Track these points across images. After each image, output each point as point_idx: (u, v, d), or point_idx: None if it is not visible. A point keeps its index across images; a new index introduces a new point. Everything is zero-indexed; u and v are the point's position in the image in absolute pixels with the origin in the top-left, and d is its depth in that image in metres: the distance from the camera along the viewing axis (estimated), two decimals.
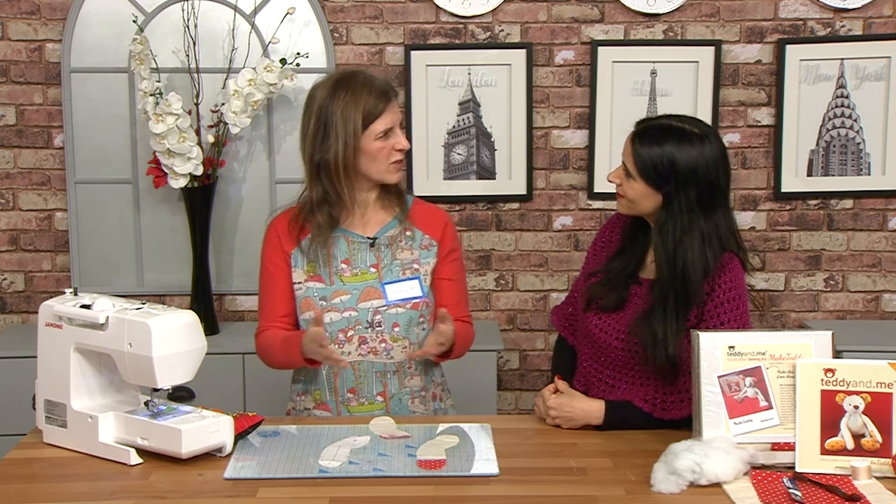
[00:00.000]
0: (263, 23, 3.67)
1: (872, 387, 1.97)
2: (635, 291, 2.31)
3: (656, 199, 2.24)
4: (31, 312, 3.79)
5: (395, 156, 2.38)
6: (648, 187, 2.24)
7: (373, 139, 2.34)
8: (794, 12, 3.71)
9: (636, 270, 2.34)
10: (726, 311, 2.21)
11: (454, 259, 2.50)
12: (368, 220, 2.45)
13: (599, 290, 2.35)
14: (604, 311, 2.33)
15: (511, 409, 3.90)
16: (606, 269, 2.37)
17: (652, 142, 2.22)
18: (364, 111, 2.33)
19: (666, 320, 2.20)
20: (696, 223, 2.20)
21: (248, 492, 1.91)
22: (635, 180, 2.25)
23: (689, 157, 2.20)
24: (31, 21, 3.67)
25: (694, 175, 2.20)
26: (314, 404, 2.45)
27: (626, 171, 2.27)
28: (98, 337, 2.06)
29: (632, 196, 2.27)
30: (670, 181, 2.20)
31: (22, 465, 2.06)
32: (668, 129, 2.24)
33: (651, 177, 2.22)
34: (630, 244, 2.37)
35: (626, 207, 2.32)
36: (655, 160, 2.21)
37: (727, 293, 2.22)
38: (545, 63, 3.74)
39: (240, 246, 3.79)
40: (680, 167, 2.20)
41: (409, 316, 2.41)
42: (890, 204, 3.80)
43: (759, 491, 1.87)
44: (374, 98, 2.34)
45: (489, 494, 1.90)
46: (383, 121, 2.34)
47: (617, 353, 2.30)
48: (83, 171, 3.73)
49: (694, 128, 2.24)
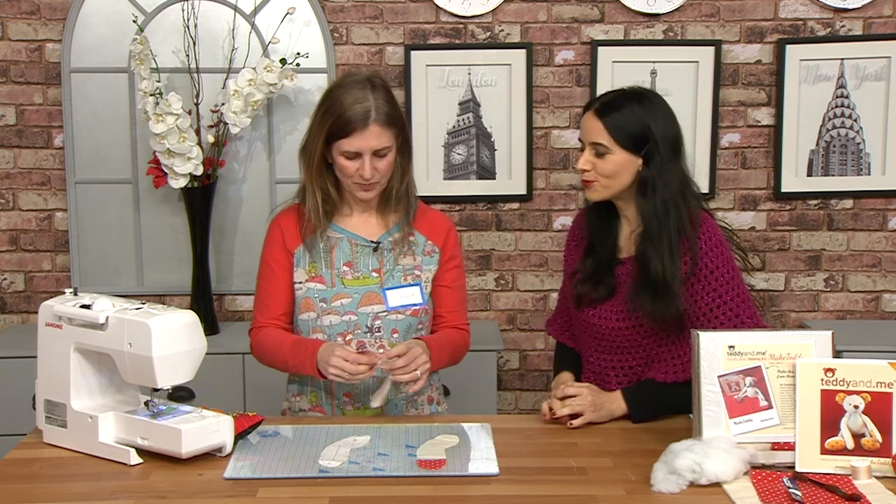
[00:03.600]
0: (263, 23, 3.67)
1: (872, 387, 1.97)
2: (621, 272, 2.34)
3: (635, 166, 2.28)
4: (31, 312, 3.79)
5: (357, 178, 2.33)
6: (629, 154, 2.27)
7: (338, 153, 2.31)
8: (794, 12, 3.71)
9: (613, 255, 2.37)
10: (712, 259, 2.27)
11: (455, 266, 2.49)
12: (372, 223, 2.44)
13: (586, 288, 2.37)
14: (598, 302, 2.35)
15: (511, 409, 3.90)
16: (584, 267, 2.39)
17: (620, 109, 2.27)
18: (337, 121, 2.29)
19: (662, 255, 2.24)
20: (674, 174, 2.28)
21: (248, 492, 1.91)
22: (612, 153, 2.27)
23: (655, 113, 2.29)
24: (31, 21, 3.67)
25: (666, 129, 2.28)
26: (310, 406, 2.45)
27: (596, 150, 2.28)
28: (98, 337, 2.05)
29: (610, 171, 2.28)
30: (648, 139, 2.26)
31: (22, 465, 2.06)
32: (622, 95, 2.32)
33: (630, 142, 2.26)
34: (598, 235, 2.39)
35: (601, 191, 2.32)
36: (628, 123, 2.26)
37: (707, 242, 2.28)
38: (545, 63, 3.74)
39: (240, 246, 3.79)
40: (653, 124, 2.27)
41: (408, 322, 2.40)
42: (890, 204, 3.80)
43: (759, 491, 1.87)
44: (353, 115, 2.28)
45: (489, 494, 1.90)
46: (350, 142, 2.29)
47: (622, 334, 2.31)
48: (83, 171, 3.73)
49: (642, 90, 2.35)
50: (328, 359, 2.22)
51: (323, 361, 2.25)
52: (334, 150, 2.32)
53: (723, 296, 2.26)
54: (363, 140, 2.29)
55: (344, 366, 2.20)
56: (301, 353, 2.32)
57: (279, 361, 2.39)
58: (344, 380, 2.23)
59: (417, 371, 2.24)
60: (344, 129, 2.28)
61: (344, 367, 2.20)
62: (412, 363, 2.23)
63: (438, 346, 2.36)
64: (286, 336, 2.39)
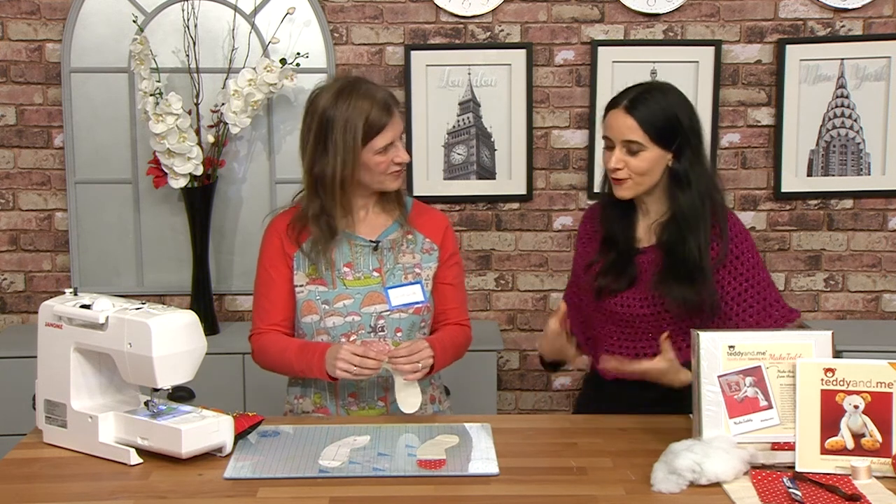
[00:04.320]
0: (263, 23, 3.67)
1: (872, 387, 1.97)
2: (641, 261, 2.36)
3: (666, 160, 2.30)
4: (31, 312, 3.79)
5: (393, 168, 2.35)
6: (661, 150, 2.28)
7: (372, 154, 2.31)
8: (794, 12, 3.71)
9: (632, 246, 2.38)
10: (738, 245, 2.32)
11: (455, 263, 2.50)
12: (370, 223, 2.44)
13: (606, 280, 2.38)
14: (619, 291, 2.37)
15: (511, 409, 3.90)
16: (603, 258, 2.40)
17: (647, 104, 2.28)
18: (365, 127, 2.28)
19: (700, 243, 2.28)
20: (704, 165, 2.32)
21: (248, 492, 1.91)
22: (646, 149, 2.28)
23: (680, 104, 2.31)
24: (31, 21, 3.67)
25: (690, 120, 2.31)
26: (313, 407, 2.45)
27: (628, 148, 2.28)
28: (98, 337, 2.05)
29: (643, 169, 2.29)
30: (678, 133, 2.28)
31: (22, 465, 2.06)
32: (647, 90, 2.32)
33: (662, 137, 2.27)
34: (615, 228, 2.40)
35: (633, 188, 2.33)
36: (660, 119, 2.27)
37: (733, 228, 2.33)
38: (545, 63, 3.74)
39: (240, 246, 3.79)
40: (681, 116, 2.29)
41: (411, 321, 2.40)
42: (890, 204, 3.80)
43: (759, 490, 1.87)
44: (377, 112, 2.29)
45: (489, 494, 1.90)
46: (384, 136, 2.30)
47: (647, 320, 2.34)
48: (83, 171, 3.73)
49: (660, 83, 2.38)
50: (336, 356, 2.24)
51: (331, 360, 2.26)
52: (365, 154, 2.31)
53: (749, 280, 2.32)
54: (393, 129, 2.32)
55: (351, 359, 2.22)
56: (308, 356, 2.32)
57: (284, 366, 2.39)
58: (352, 375, 2.23)
59: (419, 364, 2.26)
60: (375, 128, 2.29)
61: (351, 360, 2.22)
62: (415, 355, 2.26)
63: (442, 346, 2.37)
64: (290, 341, 2.39)
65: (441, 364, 2.38)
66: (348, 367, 2.22)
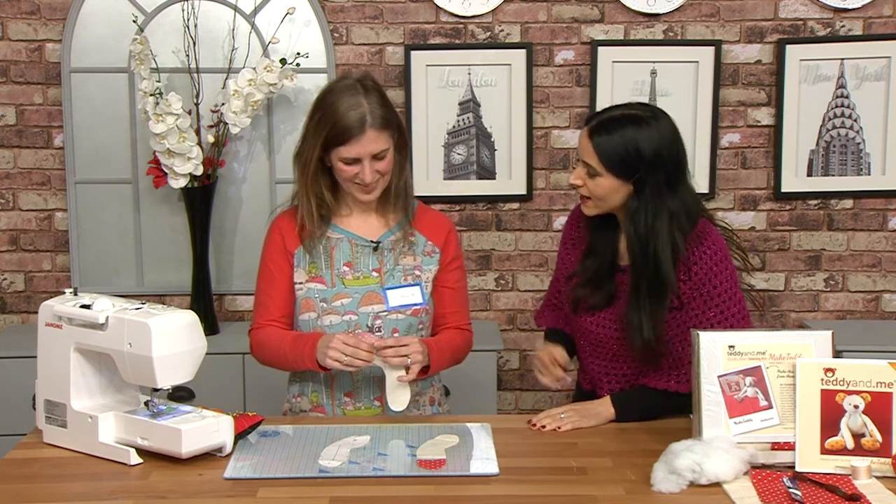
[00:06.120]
0: (263, 23, 3.67)
1: (872, 386, 1.97)
2: (621, 280, 2.31)
3: (626, 190, 2.23)
4: (31, 312, 3.79)
5: (357, 180, 2.33)
6: (617, 180, 2.22)
7: (337, 159, 2.31)
8: (794, 12, 3.71)
9: (614, 261, 2.34)
10: (716, 275, 2.22)
11: (456, 267, 2.49)
12: (372, 223, 2.44)
13: (584, 292, 2.35)
14: (596, 309, 2.34)
15: (511, 409, 3.90)
16: (583, 270, 2.37)
17: (612, 133, 2.20)
18: (333, 130, 2.28)
19: (640, 308, 2.21)
20: (664, 204, 2.21)
21: (248, 492, 1.91)
22: (602, 176, 2.22)
23: (651, 139, 2.19)
24: (31, 21, 3.67)
25: (659, 156, 2.20)
26: (311, 406, 2.45)
27: (588, 170, 2.25)
28: (98, 337, 2.05)
29: (600, 194, 2.25)
30: (639, 168, 2.19)
31: (22, 465, 2.06)
32: (622, 118, 2.23)
33: (619, 168, 2.20)
34: (599, 238, 2.35)
35: (594, 208, 2.29)
36: (620, 150, 2.19)
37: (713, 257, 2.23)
38: (545, 63, 3.74)
39: (240, 246, 3.79)
40: (645, 152, 2.19)
41: (408, 322, 2.40)
42: (890, 204, 3.80)
43: (759, 490, 1.87)
44: (348, 122, 2.27)
45: (489, 494, 1.90)
46: (348, 149, 2.28)
47: (619, 344, 2.30)
48: (83, 171, 3.73)
49: (645, 111, 2.25)
50: (327, 345, 2.24)
51: (322, 349, 2.26)
52: (332, 157, 2.32)
53: (724, 312, 2.24)
54: (361, 146, 2.28)
55: (343, 348, 2.21)
56: (300, 345, 2.33)
57: (280, 358, 2.39)
58: (342, 365, 2.23)
59: (408, 359, 2.24)
60: (341, 137, 2.28)
61: (343, 349, 2.21)
62: (403, 348, 2.25)
63: (439, 348, 2.37)
64: (287, 333, 2.40)
65: (438, 366, 2.39)
66: (339, 356, 2.21)
